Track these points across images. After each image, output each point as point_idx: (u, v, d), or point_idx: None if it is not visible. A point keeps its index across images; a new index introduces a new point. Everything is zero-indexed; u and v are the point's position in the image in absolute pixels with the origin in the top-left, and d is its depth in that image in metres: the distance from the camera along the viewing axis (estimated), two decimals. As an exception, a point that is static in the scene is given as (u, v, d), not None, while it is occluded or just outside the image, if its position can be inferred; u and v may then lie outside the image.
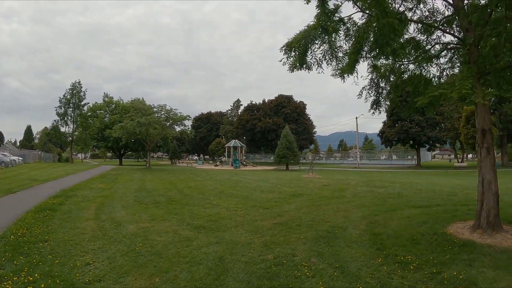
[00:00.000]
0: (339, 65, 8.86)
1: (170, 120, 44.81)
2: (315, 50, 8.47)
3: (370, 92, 10.11)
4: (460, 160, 69.00)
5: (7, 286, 5.29)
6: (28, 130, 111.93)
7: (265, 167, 51.36)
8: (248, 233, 8.48)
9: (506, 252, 6.53)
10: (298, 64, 8.57)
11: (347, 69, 8.43)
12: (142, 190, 17.75)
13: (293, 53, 8.44)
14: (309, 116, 79.58)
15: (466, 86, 5.90)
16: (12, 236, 8.09)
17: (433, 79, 9.59)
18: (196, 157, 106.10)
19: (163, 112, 44.60)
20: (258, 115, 77.73)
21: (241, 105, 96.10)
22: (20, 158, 44.86)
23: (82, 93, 62.57)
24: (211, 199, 14.20)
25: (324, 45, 8.40)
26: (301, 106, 77.83)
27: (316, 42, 8.27)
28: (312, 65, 8.71)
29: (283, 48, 8.46)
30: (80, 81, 62.68)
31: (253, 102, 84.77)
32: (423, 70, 9.59)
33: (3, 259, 6.52)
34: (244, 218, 10.35)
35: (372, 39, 7.66)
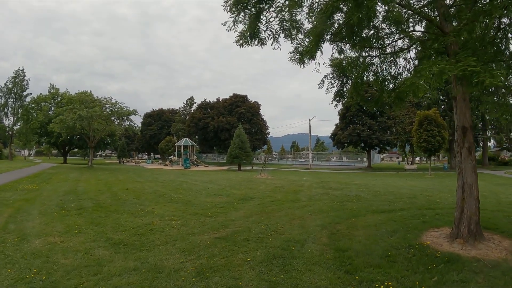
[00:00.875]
0: (299, 48, 7.27)
1: (115, 114, 41.68)
2: (270, 19, 6.74)
3: (332, 81, 8.58)
4: (410, 162, 70.51)
5: None
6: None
7: (218, 167, 49.39)
8: (179, 253, 6.58)
9: (498, 267, 5.56)
10: (248, 34, 6.75)
11: (308, 52, 6.80)
12: (71, 192, 15.38)
13: (242, 15, 6.56)
14: (263, 116, 77.65)
15: (471, 64, 4.50)
16: None
17: (402, 74, 8.36)
18: (146, 156, 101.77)
19: (107, 106, 41.41)
20: (212, 113, 74.43)
21: (195, 102, 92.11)
22: None
23: (25, 82, 57.16)
24: (146, 205, 12.12)
25: (284, 13, 6.60)
26: (256, 107, 75.72)
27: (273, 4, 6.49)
28: (267, 38, 6.96)
29: (229, 4, 6.49)
30: (23, 69, 57.00)
31: (207, 100, 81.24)
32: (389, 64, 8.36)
33: None
34: (179, 230, 8.40)
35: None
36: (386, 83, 8.45)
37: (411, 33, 7.74)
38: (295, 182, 21.28)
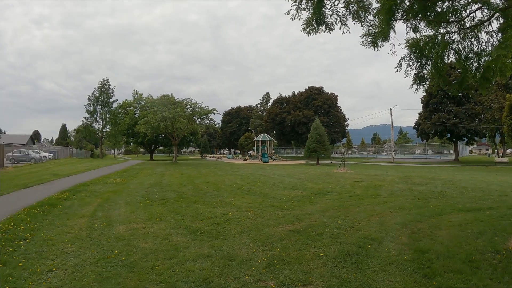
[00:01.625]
0: (370, 30, 6.81)
1: (196, 114, 43.75)
2: (335, 2, 6.28)
3: (410, 64, 7.78)
4: (500, 155, 64.09)
5: None
6: (64, 128, 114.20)
7: (295, 162, 49.34)
8: (253, 243, 6.63)
9: None
10: (314, 20, 6.38)
11: (380, 33, 6.37)
12: (156, 185, 16.43)
13: (304, 2, 6.17)
14: (340, 108, 74.91)
15: None
16: None
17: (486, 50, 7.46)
18: (227, 151, 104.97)
19: (188, 106, 43.64)
20: (288, 108, 73.96)
21: (271, 98, 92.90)
22: (51, 154, 44.95)
23: (110, 91, 63.26)
24: (225, 197, 12.45)
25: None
26: (332, 98, 73.33)
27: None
28: (334, 23, 6.52)
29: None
30: (108, 79, 63.90)
31: (283, 95, 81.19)
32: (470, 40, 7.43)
33: None
34: (254, 221, 8.47)
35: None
36: (469, 62, 7.58)
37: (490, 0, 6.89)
38: (375, 177, 20.39)
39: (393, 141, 65.10)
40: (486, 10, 6.93)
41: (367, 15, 6.58)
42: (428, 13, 6.38)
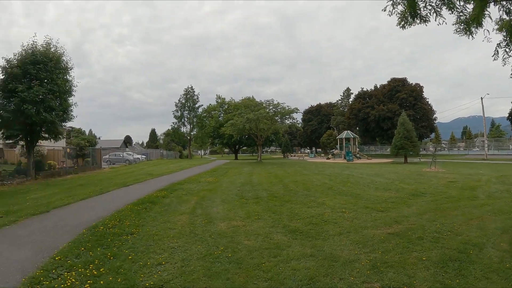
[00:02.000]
0: (461, 17, 6.46)
1: (279, 114, 44.38)
2: None
3: (507, 50, 7.09)
4: None
5: (70, 277, 5.17)
6: (153, 133, 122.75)
7: (381, 160, 47.14)
8: (353, 244, 6.65)
9: None
10: (409, 13, 6.27)
11: (474, 19, 6.04)
12: (247, 184, 17.04)
13: None
14: (427, 100, 69.40)
15: None
16: (102, 227, 8.24)
17: None
18: (308, 150, 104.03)
19: (271, 107, 44.51)
20: (371, 102, 70.41)
21: (352, 93, 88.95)
22: (143, 156, 48.70)
23: (195, 97, 68.42)
24: (317, 197, 12.49)
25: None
26: (418, 89, 68.28)
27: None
28: (429, 14, 6.31)
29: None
30: (192, 86, 69.37)
31: (364, 89, 77.37)
32: None
33: (82, 248, 6.57)
34: (351, 223, 8.44)
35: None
36: None
37: None
38: (470, 177, 19.04)
39: (486, 134, 58.42)
40: None
41: (461, 2, 6.28)
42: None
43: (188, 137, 70.12)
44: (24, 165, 22.96)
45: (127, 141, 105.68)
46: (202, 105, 69.78)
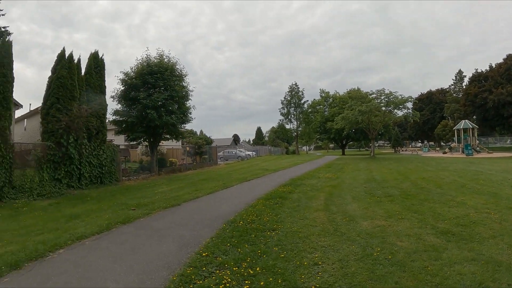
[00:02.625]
0: None
1: (391, 104, 41.51)
2: None
3: None
4: None
5: (225, 276, 4.96)
6: (259, 130, 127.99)
7: (503, 154, 40.23)
8: (510, 248, 5.79)
9: None
10: None
11: None
12: (370, 180, 16.03)
13: None
14: None
15: None
16: (241, 222, 8.23)
17: None
18: (420, 143, 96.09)
19: (382, 97, 41.94)
20: (488, 85, 58.39)
21: (464, 76, 78.93)
22: (253, 152, 50.54)
23: (300, 93, 67.88)
24: (453, 195, 11.16)
25: None
26: None
27: None
28: None
29: None
30: (296, 83, 71.34)
31: (478, 70, 65.26)
32: None
33: (228, 244, 6.47)
34: (500, 225, 7.32)
35: None
36: None
37: None
38: None
39: None
40: None
41: None
42: None
43: (295, 133, 70.05)
44: (146, 163, 24.92)
45: (236, 139, 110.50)
46: (308, 100, 69.32)
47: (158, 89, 21.33)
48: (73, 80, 16.56)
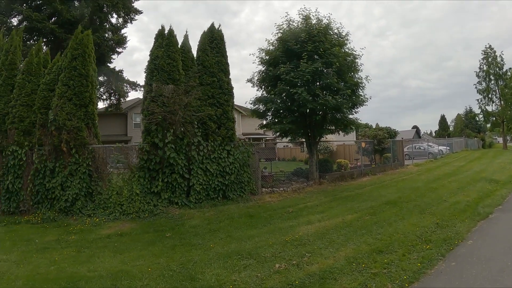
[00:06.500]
0: None
1: None
2: None
3: None
4: None
5: None
6: (443, 119, 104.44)
7: None
8: None
9: None
10: None
11: None
12: None
13: None
14: None
15: None
16: None
17: None
18: None
19: None
20: None
21: None
22: (447, 147, 36.57)
23: (499, 58, 46.32)
24: None
25: None
26: None
27: None
28: None
29: None
30: (491, 46, 47.40)
31: None
32: None
33: None
34: None
35: None
36: None
37: None
38: None
39: None
40: None
41: None
42: None
43: (500, 117, 46.98)
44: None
45: (417, 131, 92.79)
46: (511, 68, 45.52)
47: (308, 59, 13.21)
48: (172, 59, 11.55)
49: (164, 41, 11.69)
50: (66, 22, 24.19)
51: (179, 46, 12.07)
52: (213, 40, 12.77)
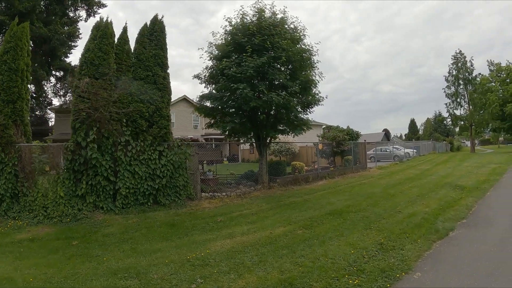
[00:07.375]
0: None
1: None
2: None
3: None
4: None
5: None
6: (412, 123, 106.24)
7: None
8: None
9: None
10: None
11: None
12: None
13: None
14: None
15: None
16: None
17: None
18: None
19: None
20: None
21: None
22: (414, 150, 36.15)
23: (468, 64, 47.12)
24: None
25: None
26: None
27: None
28: None
29: None
30: (461, 51, 47.70)
31: None
32: None
33: None
34: None
35: None
36: None
37: None
38: None
39: None
40: None
41: None
42: None
43: (470, 121, 47.47)
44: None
45: (387, 134, 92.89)
46: (480, 73, 46.91)
47: (255, 53, 12.06)
48: (104, 52, 10.34)
49: (99, 33, 10.44)
50: (18, 13, 22.52)
51: (115, 39, 10.85)
52: (153, 32, 11.50)
